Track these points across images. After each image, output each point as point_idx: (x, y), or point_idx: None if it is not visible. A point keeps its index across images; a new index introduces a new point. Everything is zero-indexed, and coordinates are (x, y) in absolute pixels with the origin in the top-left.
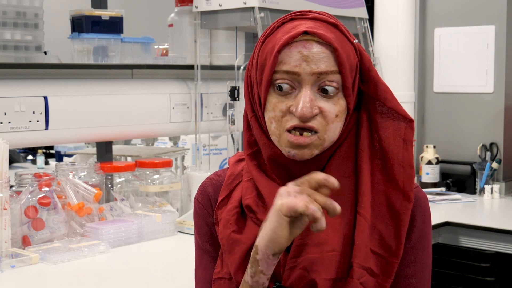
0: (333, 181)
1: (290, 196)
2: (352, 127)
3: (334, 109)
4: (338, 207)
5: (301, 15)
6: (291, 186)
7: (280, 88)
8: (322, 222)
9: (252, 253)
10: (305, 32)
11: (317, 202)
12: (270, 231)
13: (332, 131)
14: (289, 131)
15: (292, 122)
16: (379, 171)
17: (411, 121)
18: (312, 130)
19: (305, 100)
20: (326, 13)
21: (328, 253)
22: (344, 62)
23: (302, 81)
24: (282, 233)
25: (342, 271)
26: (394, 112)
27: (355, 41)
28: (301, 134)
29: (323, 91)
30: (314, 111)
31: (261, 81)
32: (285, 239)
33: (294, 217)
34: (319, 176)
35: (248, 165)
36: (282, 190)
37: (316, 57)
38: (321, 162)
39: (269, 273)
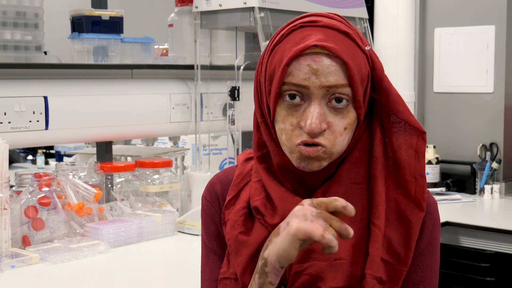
0: (351, 209)
1: (306, 221)
2: (362, 133)
3: (343, 122)
4: (351, 232)
5: (311, 23)
6: (307, 208)
7: (291, 97)
8: (335, 248)
9: (260, 265)
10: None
11: (333, 227)
12: (281, 250)
13: (340, 143)
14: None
15: (302, 137)
16: (391, 178)
17: (423, 132)
18: (319, 145)
19: (313, 115)
20: (337, 16)
21: (336, 261)
22: (355, 75)
23: (311, 94)
24: (293, 252)
25: (350, 280)
26: (406, 123)
27: (367, 48)
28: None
29: (335, 101)
30: (323, 126)
31: (270, 92)
32: (295, 256)
33: None
34: (338, 203)
35: (257, 168)
36: (298, 211)
37: (326, 71)
38: (331, 168)
39: (276, 282)
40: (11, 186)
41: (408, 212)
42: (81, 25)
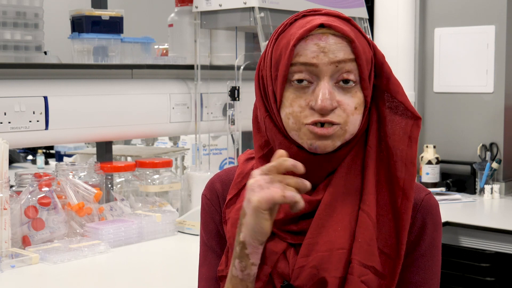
0: (300, 167)
1: (263, 189)
2: (370, 118)
3: (353, 101)
4: (308, 184)
5: (313, 12)
6: (259, 178)
7: (299, 81)
8: (301, 203)
9: (239, 250)
10: (321, 25)
11: (290, 185)
12: (254, 226)
13: (353, 123)
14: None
15: (313, 117)
16: (383, 168)
17: (419, 118)
18: (333, 124)
19: (324, 92)
20: (337, 11)
21: (338, 251)
22: (361, 54)
23: (320, 72)
24: (266, 224)
25: (349, 269)
26: (403, 107)
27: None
28: (322, 126)
29: (342, 82)
30: (334, 104)
31: (277, 77)
32: (269, 227)
33: None
34: (287, 163)
35: (258, 167)
36: (252, 183)
37: (333, 47)
38: (337, 161)
39: (258, 262)
40: (11, 186)
41: (398, 203)
42: (81, 25)
